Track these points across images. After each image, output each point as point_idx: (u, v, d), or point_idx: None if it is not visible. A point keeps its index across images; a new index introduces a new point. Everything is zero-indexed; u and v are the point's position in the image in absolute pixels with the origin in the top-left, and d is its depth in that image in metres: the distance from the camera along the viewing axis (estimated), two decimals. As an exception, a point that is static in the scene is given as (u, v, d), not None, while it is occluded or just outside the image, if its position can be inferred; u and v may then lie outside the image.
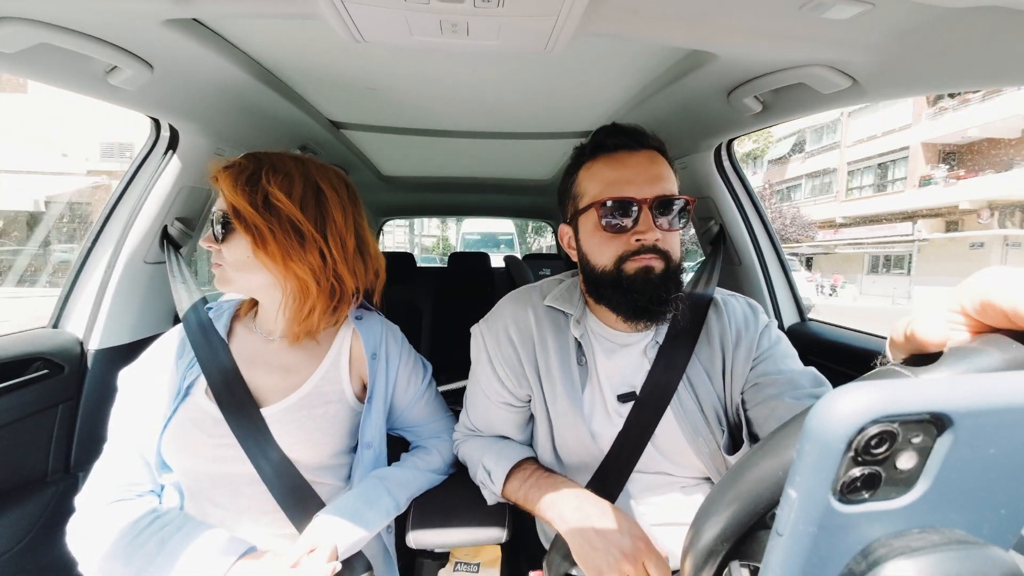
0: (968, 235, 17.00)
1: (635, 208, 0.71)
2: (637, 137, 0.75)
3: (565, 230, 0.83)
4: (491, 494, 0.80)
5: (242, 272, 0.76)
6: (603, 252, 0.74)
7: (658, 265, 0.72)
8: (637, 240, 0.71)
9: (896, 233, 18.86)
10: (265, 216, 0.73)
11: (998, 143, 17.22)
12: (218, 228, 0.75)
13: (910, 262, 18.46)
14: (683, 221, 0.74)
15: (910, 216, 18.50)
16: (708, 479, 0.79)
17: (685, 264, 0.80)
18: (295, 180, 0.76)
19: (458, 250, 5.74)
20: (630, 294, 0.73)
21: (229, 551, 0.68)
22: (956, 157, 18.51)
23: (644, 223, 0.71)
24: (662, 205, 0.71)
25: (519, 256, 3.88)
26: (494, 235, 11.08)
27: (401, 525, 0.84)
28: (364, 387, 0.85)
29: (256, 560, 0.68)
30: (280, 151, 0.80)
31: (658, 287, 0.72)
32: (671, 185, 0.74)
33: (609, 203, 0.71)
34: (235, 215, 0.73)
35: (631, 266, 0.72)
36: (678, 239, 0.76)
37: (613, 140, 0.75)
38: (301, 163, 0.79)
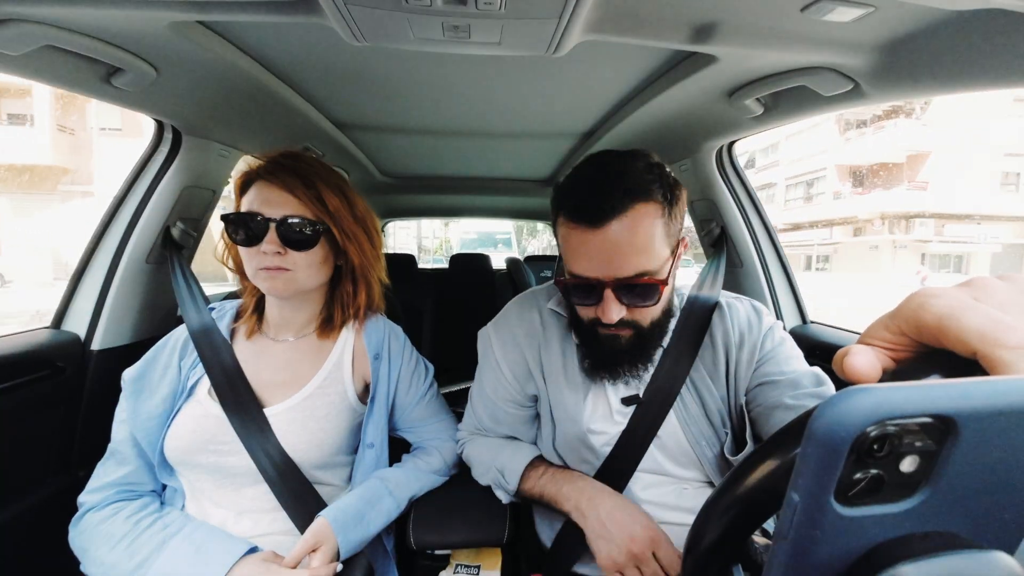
0: (867, 239, 22.67)
1: (594, 287, 0.67)
2: (606, 208, 0.62)
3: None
4: (504, 493, 0.81)
5: (311, 278, 0.78)
6: (577, 310, 0.75)
7: (626, 334, 0.72)
8: (599, 317, 0.69)
9: (819, 238, 24.64)
10: (363, 225, 0.82)
11: (887, 167, 22.42)
12: (303, 234, 0.74)
13: (827, 260, 24.77)
14: (654, 299, 0.68)
15: (829, 223, 24.03)
16: (711, 483, 0.79)
17: (674, 310, 0.80)
18: (354, 192, 0.84)
19: (456, 251, 5.72)
20: (593, 355, 0.76)
21: (230, 551, 0.68)
22: (859, 176, 23.74)
23: (604, 305, 0.67)
24: (624, 288, 0.66)
25: (518, 255, 3.87)
26: (491, 234, 11.13)
27: (401, 526, 0.84)
28: (366, 387, 0.86)
29: (257, 560, 0.68)
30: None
31: (620, 359, 0.74)
32: (645, 259, 0.64)
33: (569, 278, 0.69)
34: (335, 224, 0.77)
35: (601, 330, 0.72)
36: (653, 311, 0.72)
37: (578, 210, 0.65)
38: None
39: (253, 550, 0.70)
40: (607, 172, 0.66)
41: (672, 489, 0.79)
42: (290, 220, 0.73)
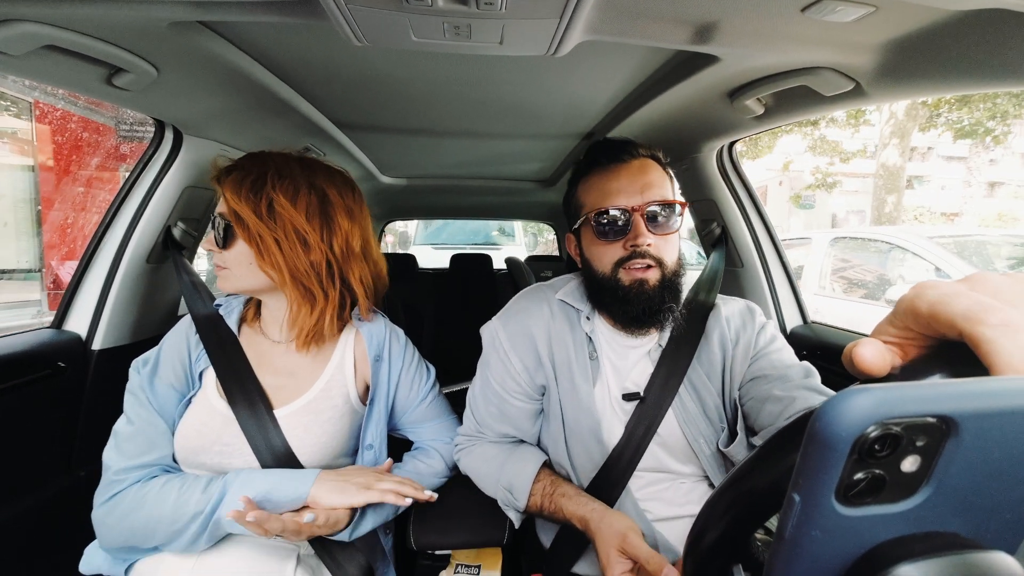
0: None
1: (627, 216, 0.75)
2: (628, 149, 0.79)
3: (571, 238, 0.88)
4: (515, 513, 0.80)
5: (247, 278, 0.75)
6: (601, 259, 0.78)
7: (653, 276, 0.76)
8: (631, 246, 0.75)
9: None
10: (269, 225, 0.71)
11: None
12: (220, 233, 0.74)
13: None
14: (677, 225, 0.77)
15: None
16: (707, 477, 0.80)
17: (684, 267, 0.81)
18: (300, 186, 0.74)
19: (419, 243, 5.38)
20: (625, 304, 0.77)
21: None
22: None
23: (636, 230, 0.75)
24: (653, 211, 0.75)
25: (525, 254, 3.86)
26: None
27: (401, 527, 0.84)
28: (367, 389, 0.85)
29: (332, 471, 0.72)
30: (284, 152, 0.79)
31: (651, 298, 0.75)
32: (663, 191, 0.77)
33: (602, 212, 0.76)
34: (238, 222, 0.72)
35: (626, 276, 0.76)
36: (674, 244, 0.78)
37: (605, 154, 0.80)
38: (307, 167, 0.77)
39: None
40: (627, 139, 0.82)
41: (672, 486, 0.80)
42: (215, 218, 0.75)
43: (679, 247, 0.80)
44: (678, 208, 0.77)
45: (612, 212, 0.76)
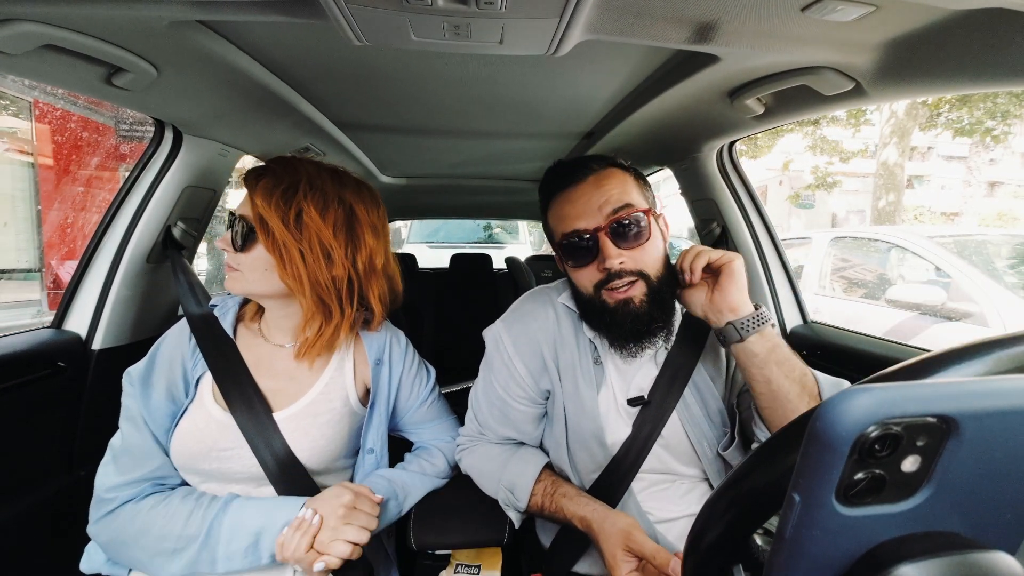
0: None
1: (591, 238, 0.73)
2: (581, 166, 0.77)
3: (558, 257, 0.85)
4: (515, 513, 0.80)
5: (259, 283, 0.74)
6: (581, 282, 0.77)
7: (638, 292, 0.73)
8: (603, 269, 0.73)
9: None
10: (295, 236, 0.71)
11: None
12: (239, 236, 0.73)
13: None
14: (649, 233, 0.73)
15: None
16: (707, 479, 0.80)
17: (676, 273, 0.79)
18: (330, 199, 0.74)
19: (408, 242, 5.21)
20: (613, 327, 0.75)
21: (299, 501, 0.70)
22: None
23: (604, 252, 0.72)
24: (617, 227, 0.72)
25: (532, 252, 3.86)
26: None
27: (402, 527, 0.84)
28: (367, 392, 0.85)
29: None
30: (315, 160, 0.79)
31: (639, 318, 0.73)
32: (626, 200, 0.73)
33: (567, 241, 0.75)
34: (262, 229, 0.71)
35: (610, 298, 0.74)
36: (652, 251, 0.74)
37: (561, 178, 0.78)
38: (337, 180, 0.77)
39: None
40: (579, 157, 0.81)
41: (674, 487, 0.80)
42: (235, 219, 0.74)
43: (663, 251, 0.76)
44: (645, 216, 0.73)
45: (576, 239, 0.74)
